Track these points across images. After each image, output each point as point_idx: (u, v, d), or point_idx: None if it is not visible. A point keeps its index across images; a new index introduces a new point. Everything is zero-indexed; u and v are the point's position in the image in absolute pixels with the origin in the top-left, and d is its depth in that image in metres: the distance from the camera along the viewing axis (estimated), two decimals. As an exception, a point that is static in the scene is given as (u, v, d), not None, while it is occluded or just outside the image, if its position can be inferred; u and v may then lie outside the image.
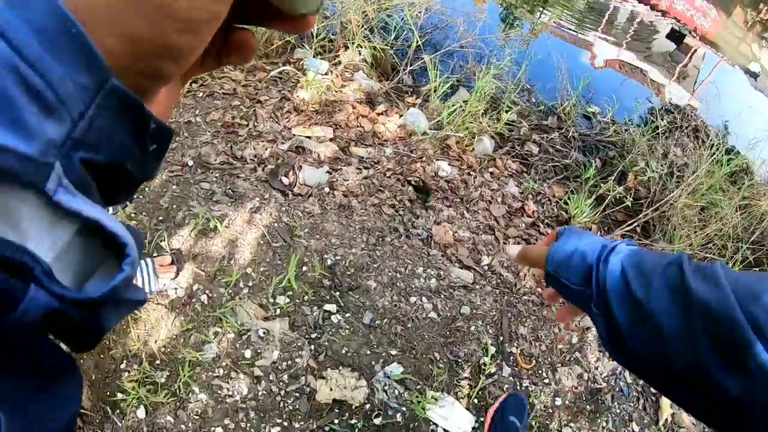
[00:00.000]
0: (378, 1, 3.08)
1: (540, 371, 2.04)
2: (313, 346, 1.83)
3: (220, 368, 1.72)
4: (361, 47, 2.99)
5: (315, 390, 1.72)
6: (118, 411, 1.59)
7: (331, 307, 1.93)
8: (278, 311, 1.88)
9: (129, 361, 1.68)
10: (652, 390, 2.18)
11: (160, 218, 2.03)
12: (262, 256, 2.02)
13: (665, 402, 2.11)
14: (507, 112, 3.12)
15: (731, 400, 0.43)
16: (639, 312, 0.51)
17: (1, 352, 0.22)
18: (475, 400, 1.88)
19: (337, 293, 1.98)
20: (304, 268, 2.01)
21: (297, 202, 2.21)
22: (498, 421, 1.79)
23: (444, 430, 1.76)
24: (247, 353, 1.76)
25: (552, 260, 0.65)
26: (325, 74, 2.82)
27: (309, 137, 2.45)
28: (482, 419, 1.84)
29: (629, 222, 2.83)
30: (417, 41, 3.08)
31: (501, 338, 2.06)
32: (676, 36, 5.86)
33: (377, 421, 1.72)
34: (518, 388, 1.96)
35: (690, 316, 0.47)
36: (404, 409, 1.77)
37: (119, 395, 1.60)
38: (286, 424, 1.66)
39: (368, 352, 1.86)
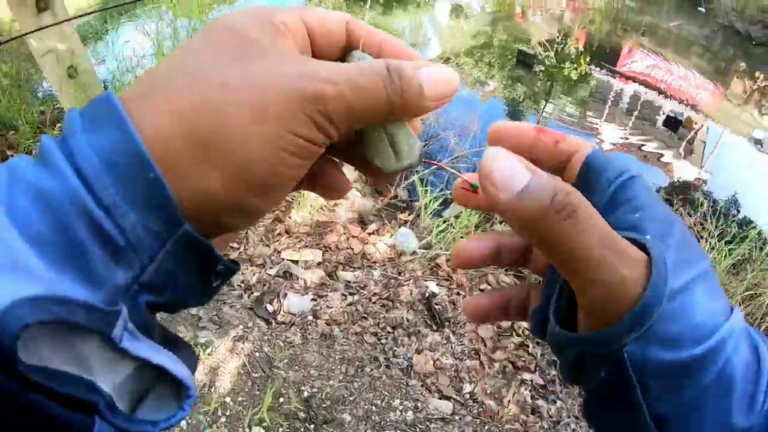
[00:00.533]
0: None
1: None
2: (281, 488, 1.82)
3: None
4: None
5: None
6: None
7: (303, 442, 1.94)
8: (251, 446, 1.90)
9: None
10: None
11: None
12: (241, 386, 2.07)
13: None
14: (501, 223, 3.17)
15: None
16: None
17: None
18: None
19: (312, 426, 1.98)
20: (281, 400, 2.04)
21: (279, 331, 2.26)
22: None
23: None
24: (214, 496, 1.77)
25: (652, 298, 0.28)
26: (320, 194, 2.95)
27: (297, 261, 2.54)
28: None
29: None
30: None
31: (479, 477, 2.01)
32: (672, 122, 5.97)
33: None
34: None
35: None
36: None
37: None
38: None
39: (337, 495, 1.84)
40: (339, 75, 0.25)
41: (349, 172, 3.15)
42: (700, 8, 10.30)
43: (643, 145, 5.44)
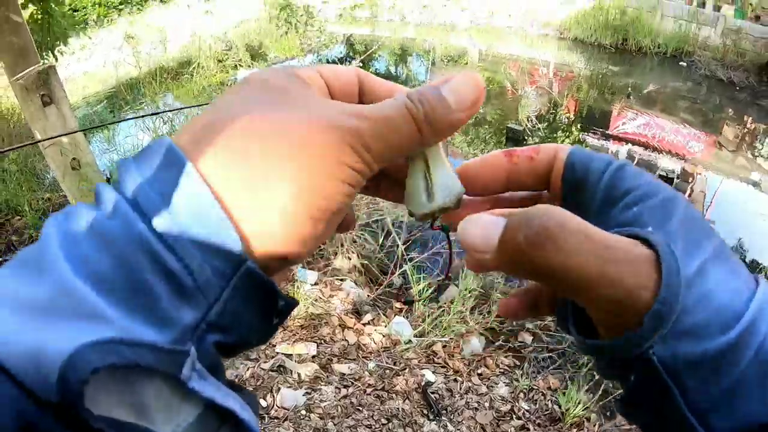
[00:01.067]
0: (367, 206, 3.38)
1: None
2: None
3: None
4: (350, 253, 3.24)
5: None
6: None
7: None
8: None
9: None
10: None
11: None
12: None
13: None
14: (497, 304, 3.22)
15: None
16: None
17: None
18: None
19: None
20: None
21: (272, 426, 2.28)
22: None
23: None
24: None
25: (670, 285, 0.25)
26: (315, 284, 3.04)
27: (291, 355, 2.59)
28: None
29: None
30: (401, 249, 3.31)
31: None
32: (664, 181, 6.07)
33: None
34: None
35: None
36: None
37: None
38: None
39: None
40: (369, 111, 0.27)
41: (346, 262, 3.25)
42: (681, 63, 10.64)
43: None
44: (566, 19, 12.16)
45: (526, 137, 6.74)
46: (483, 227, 0.27)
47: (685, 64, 10.56)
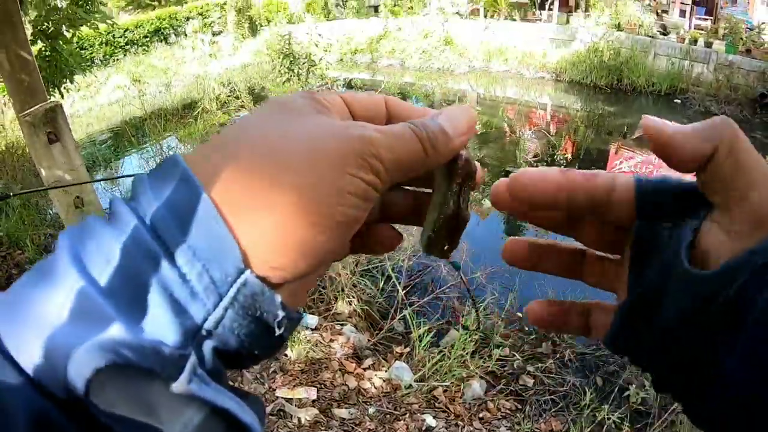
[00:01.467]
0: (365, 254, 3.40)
1: None
2: None
3: None
4: (351, 298, 3.25)
5: None
6: None
7: None
8: None
9: None
10: None
11: None
12: None
13: None
14: (498, 347, 3.21)
15: None
16: None
17: None
18: None
19: None
20: None
21: (274, 476, 2.25)
22: None
23: None
24: None
25: None
26: (315, 329, 3.04)
27: (291, 399, 2.57)
28: None
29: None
30: (401, 293, 3.32)
31: None
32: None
33: None
34: None
35: None
36: None
37: None
38: None
39: None
40: (381, 127, 0.28)
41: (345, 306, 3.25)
42: (675, 100, 10.83)
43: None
44: (561, 62, 12.43)
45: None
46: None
47: (679, 101, 10.76)
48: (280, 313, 0.25)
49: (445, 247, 0.33)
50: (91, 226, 0.24)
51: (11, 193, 2.93)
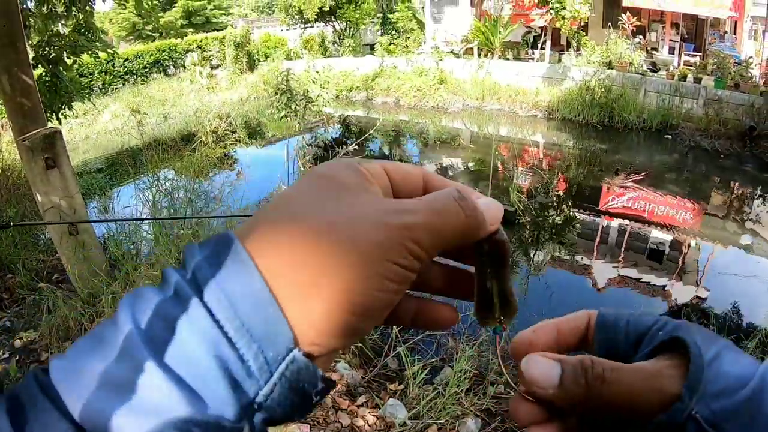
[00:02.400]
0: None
1: None
2: None
3: None
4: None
5: None
6: None
7: None
8: None
9: None
10: None
11: None
12: None
13: None
14: (493, 385, 3.16)
15: None
16: None
17: None
18: None
19: None
20: None
21: None
22: None
23: None
24: None
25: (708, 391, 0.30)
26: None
27: (284, 439, 2.51)
28: None
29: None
30: (395, 331, 3.29)
31: None
32: (656, 254, 6.16)
33: None
34: None
35: None
36: None
37: None
38: None
39: None
40: (419, 204, 0.30)
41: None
42: (666, 136, 11.01)
43: (639, 278, 5.57)
44: (554, 100, 12.66)
45: (518, 218, 6.86)
46: (543, 368, 0.31)
47: (670, 136, 10.93)
48: (320, 385, 0.28)
49: (501, 319, 0.36)
50: (149, 300, 0.26)
51: (11, 223, 2.91)
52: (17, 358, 3.44)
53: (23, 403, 0.25)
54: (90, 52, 5.60)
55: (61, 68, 5.34)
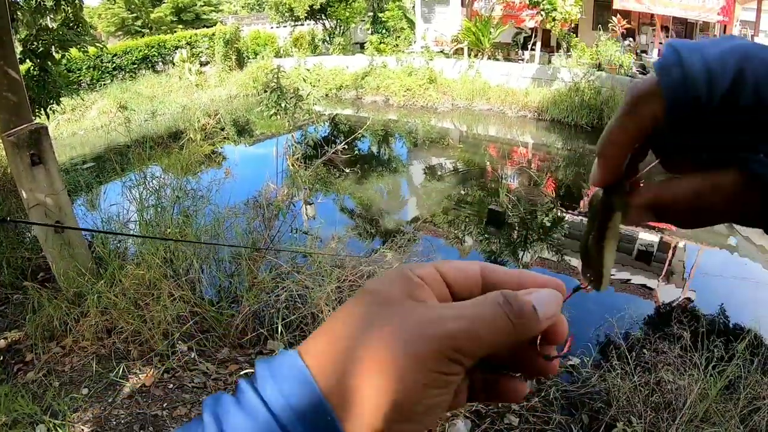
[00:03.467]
0: (349, 289, 3.36)
1: None
2: None
3: None
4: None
5: None
6: None
7: None
8: None
9: None
10: None
11: None
12: None
13: None
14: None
15: None
16: None
17: None
18: None
19: None
20: None
21: None
22: None
23: None
24: None
25: (692, 71, 0.30)
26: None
27: None
28: None
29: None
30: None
31: None
32: (644, 254, 6.22)
33: None
34: None
35: None
36: None
37: None
38: None
39: None
40: (462, 311, 0.31)
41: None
42: None
43: (627, 279, 5.61)
44: (543, 101, 12.69)
45: (506, 218, 6.88)
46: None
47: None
48: None
49: (589, 279, 0.37)
50: (227, 410, 0.30)
51: (8, 218, 2.87)
52: (1, 358, 3.39)
53: None
54: (79, 46, 5.53)
55: (49, 63, 5.28)
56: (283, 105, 9.25)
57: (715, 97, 0.29)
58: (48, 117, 5.42)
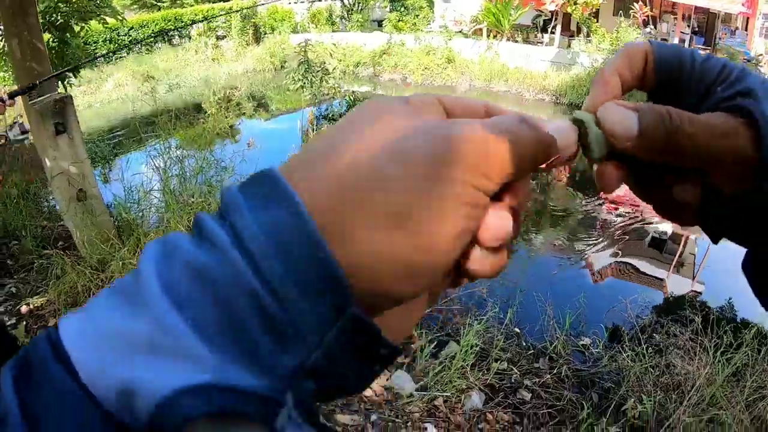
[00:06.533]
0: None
1: None
2: None
3: None
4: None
5: None
6: None
7: None
8: None
9: None
10: None
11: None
12: None
13: None
14: (497, 361, 3.21)
15: None
16: None
17: None
18: None
19: None
20: None
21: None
22: None
23: None
24: None
25: None
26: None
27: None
28: None
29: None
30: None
31: None
32: (657, 242, 6.21)
33: None
34: None
35: None
36: None
37: None
38: None
39: None
40: (488, 121, 0.25)
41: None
42: None
43: (636, 267, 5.61)
44: (562, 85, 12.56)
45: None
46: (621, 118, 0.30)
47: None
48: (383, 351, 0.24)
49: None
50: (177, 247, 0.22)
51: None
52: (25, 323, 3.47)
53: (32, 367, 0.20)
54: (99, 18, 5.54)
55: (68, 35, 5.30)
56: (309, 78, 9.24)
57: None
58: (66, 89, 5.46)
